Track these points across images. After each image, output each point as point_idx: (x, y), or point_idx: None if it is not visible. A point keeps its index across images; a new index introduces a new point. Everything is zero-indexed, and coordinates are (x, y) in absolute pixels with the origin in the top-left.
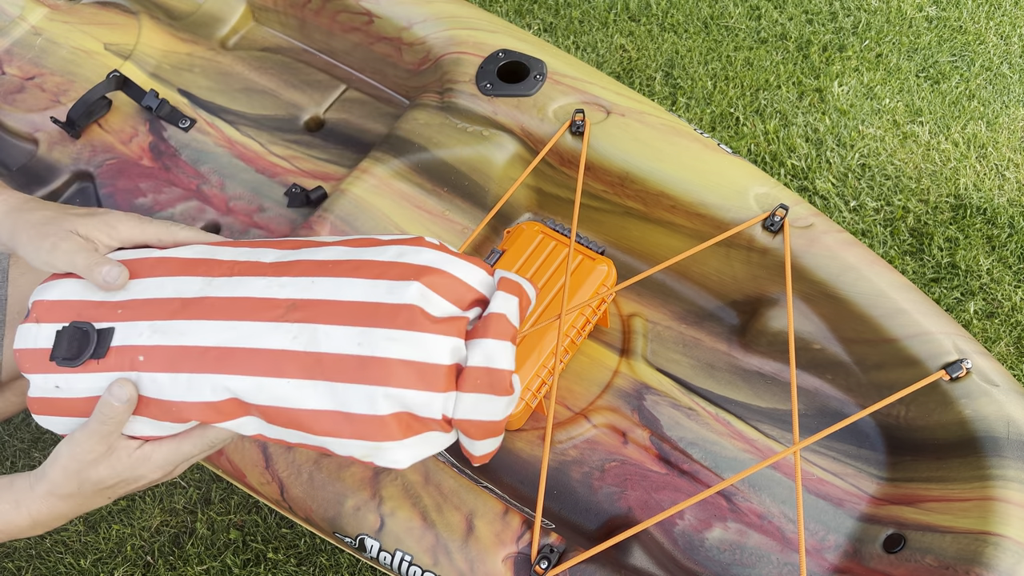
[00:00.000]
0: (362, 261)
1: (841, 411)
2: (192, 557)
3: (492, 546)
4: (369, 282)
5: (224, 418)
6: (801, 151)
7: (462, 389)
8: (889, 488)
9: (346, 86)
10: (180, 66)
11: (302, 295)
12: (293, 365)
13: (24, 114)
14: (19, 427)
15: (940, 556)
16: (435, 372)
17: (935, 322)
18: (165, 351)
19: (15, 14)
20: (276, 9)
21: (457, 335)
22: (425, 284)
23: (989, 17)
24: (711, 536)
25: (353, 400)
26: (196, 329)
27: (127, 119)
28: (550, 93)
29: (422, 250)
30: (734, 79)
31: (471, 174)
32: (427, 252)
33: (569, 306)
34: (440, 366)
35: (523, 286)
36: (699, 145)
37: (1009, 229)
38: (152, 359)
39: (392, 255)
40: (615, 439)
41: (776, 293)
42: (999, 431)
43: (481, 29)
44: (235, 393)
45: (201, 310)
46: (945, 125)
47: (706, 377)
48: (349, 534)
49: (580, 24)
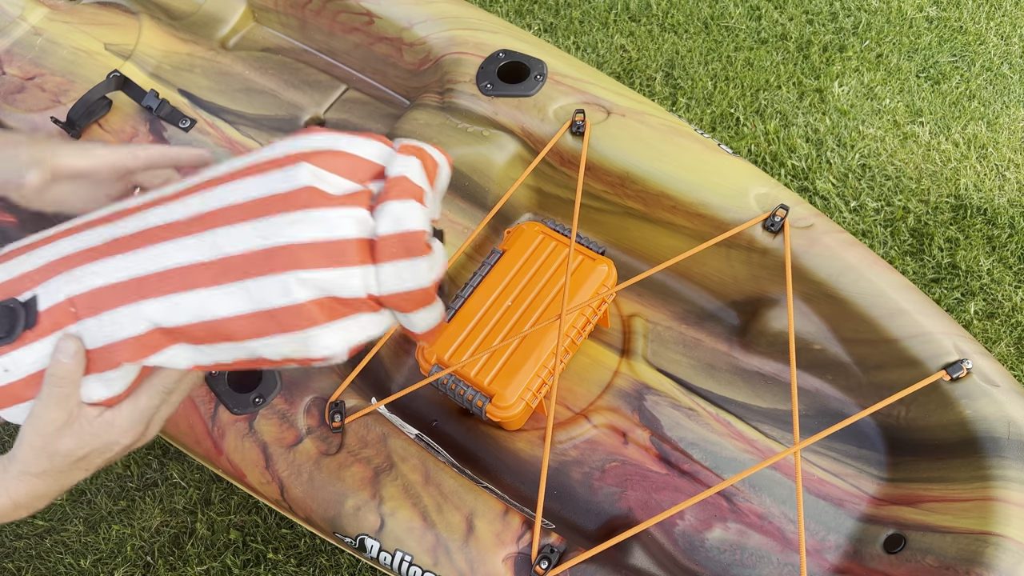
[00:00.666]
0: (253, 164)
1: (841, 411)
2: (192, 557)
3: (492, 546)
4: (261, 178)
5: (152, 351)
6: (801, 151)
7: (379, 261)
8: (889, 488)
9: (346, 86)
10: (180, 66)
11: (200, 209)
12: (203, 275)
13: (24, 114)
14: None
15: (940, 556)
16: (342, 247)
17: (935, 322)
18: (85, 297)
19: (15, 14)
20: (276, 9)
21: (359, 206)
22: (316, 164)
23: (989, 17)
24: (711, 536)
25: (268, 294)
26: (107, 268)
27: (127, 119)
28: (550, 93)
29: (310, 136)
30: (734, 79)
31: (471, 174)
32: (315, 137)
33: (569, 306)
34: (347, 240)
35: (425, 148)
36: (699, 145)
37: (1009, 229)
38: (79, 307)
39: (281, 151)
40: (615, 439)
41: (776, 293)
42: (999, 431)
43: (481, 29)
44: (155, 321)
45: (110, 249)
46: (945, 125)
47: (706, 377)
48: (349, 534)
49: (580, 24)
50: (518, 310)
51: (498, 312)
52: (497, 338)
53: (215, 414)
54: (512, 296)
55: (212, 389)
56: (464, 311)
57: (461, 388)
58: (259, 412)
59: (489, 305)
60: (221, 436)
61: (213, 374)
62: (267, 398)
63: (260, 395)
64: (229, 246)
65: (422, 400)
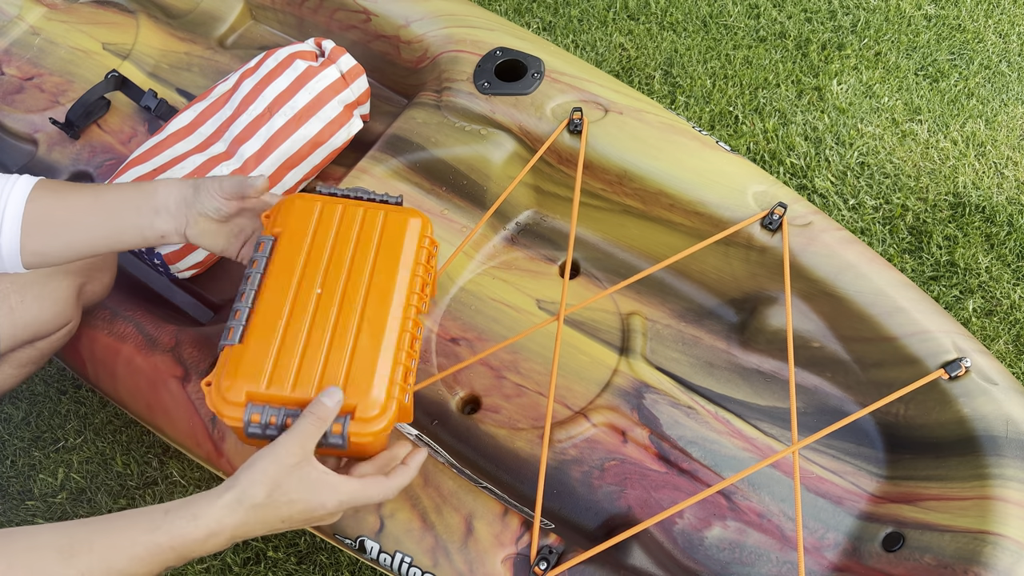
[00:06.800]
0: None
1: (840, 409)
2: None
3: (491, 547)
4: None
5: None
6: (800, 149)
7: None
8: (888, 486)
9: None
10: (178, 65)
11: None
12: None
13: (23, 115)
14: (19, 426)
15: (939, 555)
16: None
17: (934, 320)
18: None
19: (13, 14)
20: (274, 7)
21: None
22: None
23: (988, 15)
24: (711, 535)
25: None
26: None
27: (126, 119)
28: (548, 91)
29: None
30: (733, 77)
31: (469, 173)
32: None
33: (397, 270)
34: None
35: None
36: (698, 143)
37: (1008, 227)
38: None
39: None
40: (614, 438)
41: (775, 291)
42: (998, 430)
43: (479, 27)
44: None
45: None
46: (944, 123)
47: (705, 375)
48: (349, 536)
49: (579, 23)
50: (335, 296)
51: (308, 307)
52: (324, 338)
53: (215, 417)
54: (318, 282)
55: None
56: (259, 323)
57: (244, 291)
58: None
59: (292, 303)
60: (221, 438)
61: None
62: None
63: None
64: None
65: (421, 401)
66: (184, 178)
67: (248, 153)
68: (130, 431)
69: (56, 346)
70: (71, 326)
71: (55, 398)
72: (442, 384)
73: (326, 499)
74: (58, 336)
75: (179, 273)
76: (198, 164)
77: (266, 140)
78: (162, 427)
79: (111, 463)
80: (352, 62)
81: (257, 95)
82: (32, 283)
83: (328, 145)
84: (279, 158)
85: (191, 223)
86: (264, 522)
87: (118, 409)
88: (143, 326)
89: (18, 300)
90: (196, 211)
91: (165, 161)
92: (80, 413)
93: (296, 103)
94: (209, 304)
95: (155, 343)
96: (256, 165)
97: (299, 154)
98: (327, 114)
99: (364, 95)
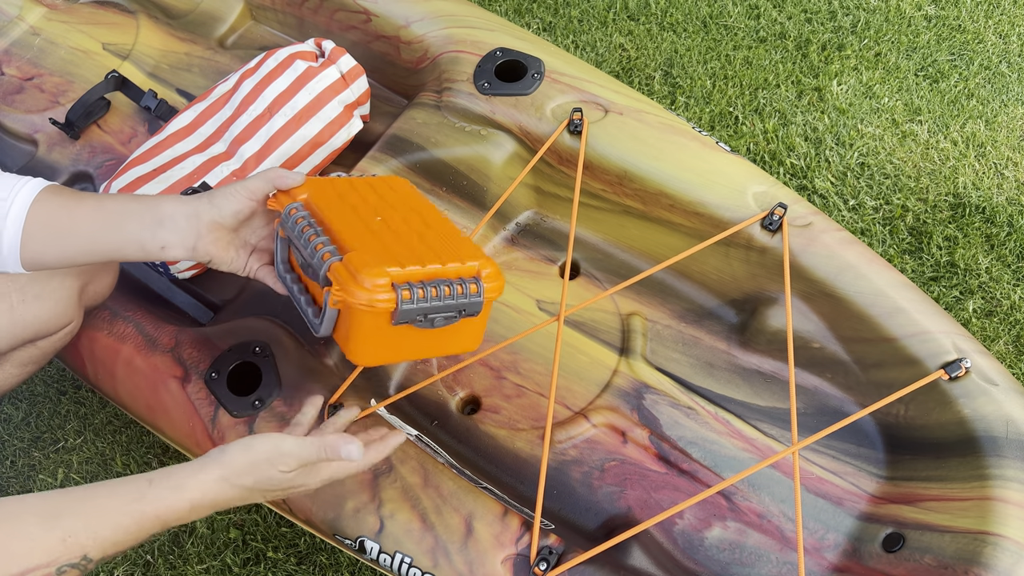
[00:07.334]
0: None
1: (840, 409)
2: (192, 556)
3: (491, 548)
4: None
5: None
6: (800, 150)
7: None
8: (888, 487)
9: None
10: (178, 65)
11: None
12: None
13: (23, 115)
14: (19, 426)
15: (939, 555)
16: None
17: (934, 321)
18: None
19: (13, 14)
20: (274, 8)
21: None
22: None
23: (988, 16)
24: (710, 535)
25: None
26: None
27: (126, 120)
28: (548, 92)
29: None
30: (733, 78)
31: (469, 173)
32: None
33: (424, 197)
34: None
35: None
36: (698, 143)
37: (1008, 228)
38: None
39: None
40: (614, 438)
41: (775, 292)
42: (998, 430)
43: (479, 27)
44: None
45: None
46: (944, 124)
47: (705, 376)
48: (349, 536)
49: (579, 23)
50: (394, 214)
51: (375, 222)
52: (413, 235)
53: (215, 417)
54: (372, 212)
55: (212, 392)
56: (348, 239)
57: (313, 233)
58: (259, 415)
59: (362, 223)
60: (221, 439)
61: (213, 377)
62: (267, 401)
63: (260, 398)
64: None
65: (421, 401)
66: (186, 190)
67: (248, 153)
68: (130, 431)
69: (58, 346)
70: (72, 326)
71: (55, 398)
72: (442, 384)
73: (304, 480)
74: (60, 336)
75: (179, 274)
76: (198, 164)
77: (266, 140)
78: (162, 428)
79: (111, 463)
80: (352, 62)
81: (257, 95)
82: (33, 282)
83: (328, 145)
84: (279, 158)
85: (202, 235)
86: (248, 495)
87: (118, 409)
88: (143, 326)
89: (18, 298)
90: (209, 220)
91: (165, 161)
92: (80, 413)
93: (296, 103)
94: (209, 304)
95: (155, 343)
96: (256, 165)
97: (299, 154)
98: (327, 114)
99: (364, 95)
